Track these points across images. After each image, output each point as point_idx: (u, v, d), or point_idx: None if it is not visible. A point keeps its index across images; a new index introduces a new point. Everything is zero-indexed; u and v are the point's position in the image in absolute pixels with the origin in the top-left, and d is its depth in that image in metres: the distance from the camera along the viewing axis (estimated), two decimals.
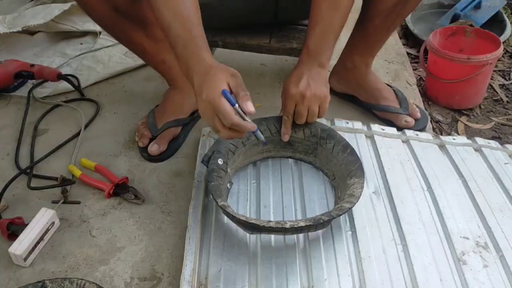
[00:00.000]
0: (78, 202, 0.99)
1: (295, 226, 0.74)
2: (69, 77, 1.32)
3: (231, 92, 0.73)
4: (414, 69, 1.52)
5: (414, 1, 1.04)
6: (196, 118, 1.17)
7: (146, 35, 1.00)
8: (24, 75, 1.28)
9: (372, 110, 1.20)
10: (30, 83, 1.35)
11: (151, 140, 1.09)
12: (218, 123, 0.72)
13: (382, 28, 1.08)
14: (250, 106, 0.72)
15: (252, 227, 0.77)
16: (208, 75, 0.72)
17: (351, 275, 0.75)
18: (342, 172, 0.89)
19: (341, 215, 0.77)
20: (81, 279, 0.79)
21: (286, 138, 0.94)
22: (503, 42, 1.56)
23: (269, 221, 0.75)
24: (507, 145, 1.08)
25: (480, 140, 1.06)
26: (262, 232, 0.79)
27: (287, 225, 0.74)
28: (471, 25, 1.49)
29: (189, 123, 1.16)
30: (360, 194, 0.81)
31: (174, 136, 1.11)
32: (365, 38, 1.12)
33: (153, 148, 1.07)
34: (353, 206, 0.79)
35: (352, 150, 0.91)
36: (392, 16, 1.04)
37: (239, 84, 0.73)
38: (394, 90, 1.20)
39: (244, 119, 0.73)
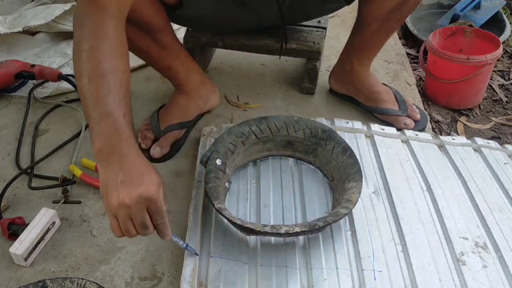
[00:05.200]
0: (79, 202, 0.99)
1: (290, 231, 0.74)
2: (69, 77, 1.31)
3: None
4: (414, 69, 1.52)
5: (411, 6, 1.02)
6: (198, 119, 1.17)
7: (153, 40, 1.01)
8: (24, 75, 1.28)
9: (372, 113, 1.20)
10: (30, 83, 1.34)
11: (153, 141, 1.09)
12: (146, 219, 0.67)
13: (380, 33, 1.08)
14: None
15: (248, 230, 0.77)
16: (147, 170, 0.68)
17: (351, 275, 0.75)
18: (341, 175, 0.89)
19: (336, 221, 0.78)
20: (82, 278, 0.79)
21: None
22: (503, 43, 1.56)
23: (265, 226, 0.75)
24: (507, 145, 1.09)
25: (479, 140, 1.06)
26: (258, 235, 0.80)
27: (282, 230, 0.74)
28: (470, 26, 1.50)
29: (192, 126, 1.16)
30: (357, 200, 0.81)
31: (176, 139, 1.11)
32: (363, 42, 1.12)
33: (155, 151, 1.07)
34: (349, 212, 0.80)
35: (352, 152, 0.91)
36: (389, 21, 1.04)
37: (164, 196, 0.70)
38: (393, 92, 1.20)
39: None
